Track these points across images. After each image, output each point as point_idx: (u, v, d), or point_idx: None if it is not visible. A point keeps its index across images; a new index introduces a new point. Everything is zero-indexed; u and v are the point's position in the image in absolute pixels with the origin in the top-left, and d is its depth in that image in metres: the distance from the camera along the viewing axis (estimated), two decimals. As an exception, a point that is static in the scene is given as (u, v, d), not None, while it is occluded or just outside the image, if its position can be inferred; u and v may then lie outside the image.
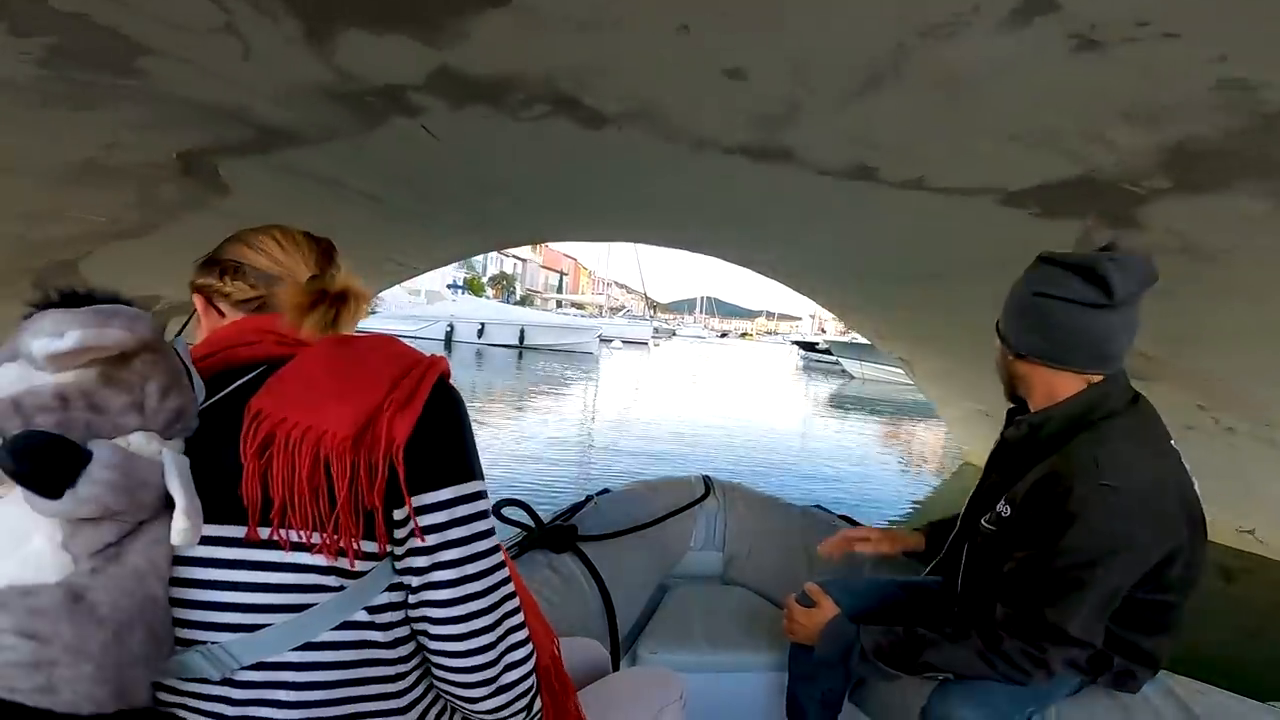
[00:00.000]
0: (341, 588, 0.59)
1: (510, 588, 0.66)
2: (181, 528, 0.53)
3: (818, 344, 32.13)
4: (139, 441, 0.54)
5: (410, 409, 0.60)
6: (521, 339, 21.68)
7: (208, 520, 0.55)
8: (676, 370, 21.16)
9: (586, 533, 1.71)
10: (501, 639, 0.64)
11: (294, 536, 0.57)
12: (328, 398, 0.59)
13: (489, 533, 0.65)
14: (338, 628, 0.59)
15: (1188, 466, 1.07)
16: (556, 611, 1.42)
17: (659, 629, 1.75)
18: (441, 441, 0.63)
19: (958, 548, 1.23)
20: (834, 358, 33.27)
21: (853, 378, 21.44)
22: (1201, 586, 1.09)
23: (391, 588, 0.62)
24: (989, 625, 1.05)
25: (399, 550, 0.61)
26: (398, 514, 0.60)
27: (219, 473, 0.58)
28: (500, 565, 0.65)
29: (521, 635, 0.67)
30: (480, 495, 0.65)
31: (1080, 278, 1.05)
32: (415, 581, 0.61)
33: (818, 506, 2.07)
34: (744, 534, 2.04)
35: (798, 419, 11.90)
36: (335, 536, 0.57)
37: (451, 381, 0.67)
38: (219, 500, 0.57)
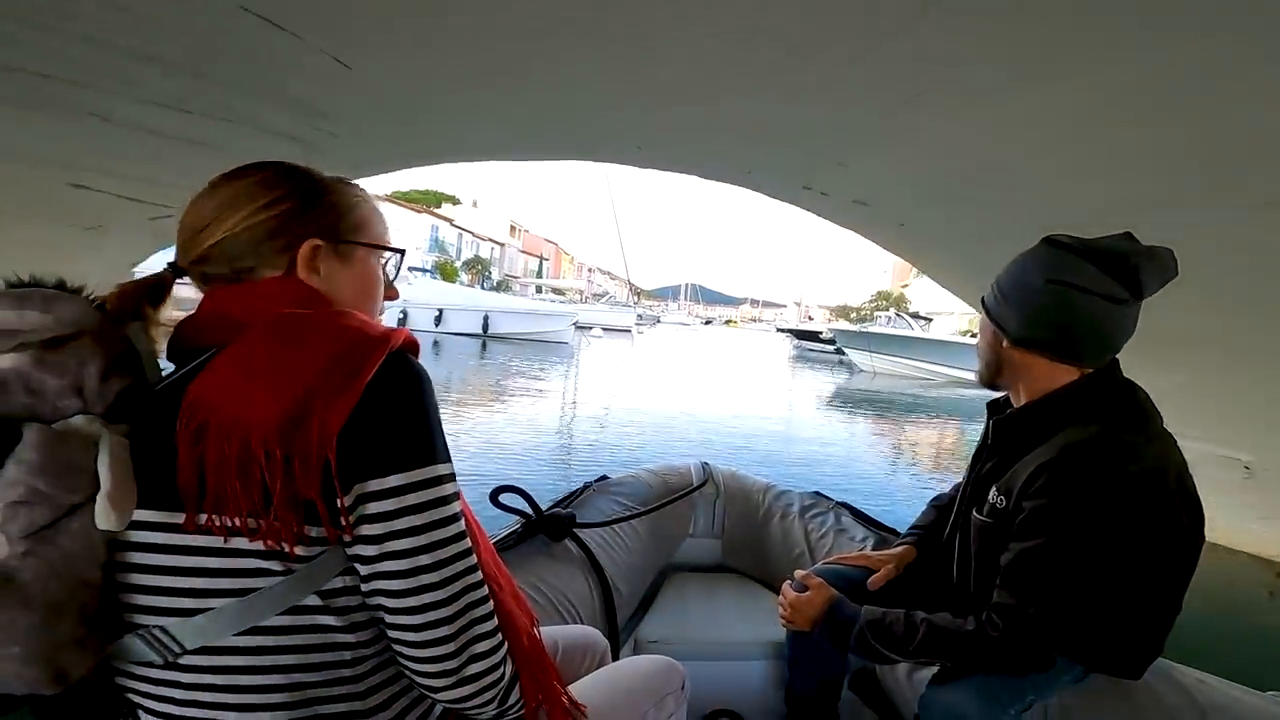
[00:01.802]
0: (288, 572, 0.57)
1: (475, 576, 0.63)
2: (102, 510, 0.54)
3: (820, 333, 30.10)
4: (79, 424, 0.55)
5: (348, 393, 0.57)
6: (486, 327, 19.16)
7: (150, 505, 0.56)
8: (663, 364, 18.76)
9: (585, 520, 1.70)
10: (464, 630, 0.62)
11: (231, 523, 0.55)
12: (259, 383, 0.57)
13: (450, 519, 0.61)
14: (286, 612, 0.58)
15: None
16: (555, 599, 1.44)
17: (658, 616, 1.76)
18: (389, 424, 0.58)
19: (950, 541, 1.21)
20: (835, 348, 31.36)
21: (858, 370, 19.34)
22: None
23: (347, 571, 0.60)
24: (987, 614, 1.01)
25: (347, 537, 0.58)
26: (342, 502, 0.57)
27: (164, 457, 0.57)
28: (464, 554, 0.62)
29: (488, 626, 0.64)
30: (439, 480, 0.60)
31: (1100, 268, 1.00)
32: (364, 570, 0.59)
33: (816, 493, 2.04)
34: (742, 521, 2.03)
35: (809, 426, 9.63)
36: (275, 523, 0.55)
37: (414, 358, 0.63)
38: (161, 485, 0.57)
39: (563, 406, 9.37)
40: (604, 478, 1.98)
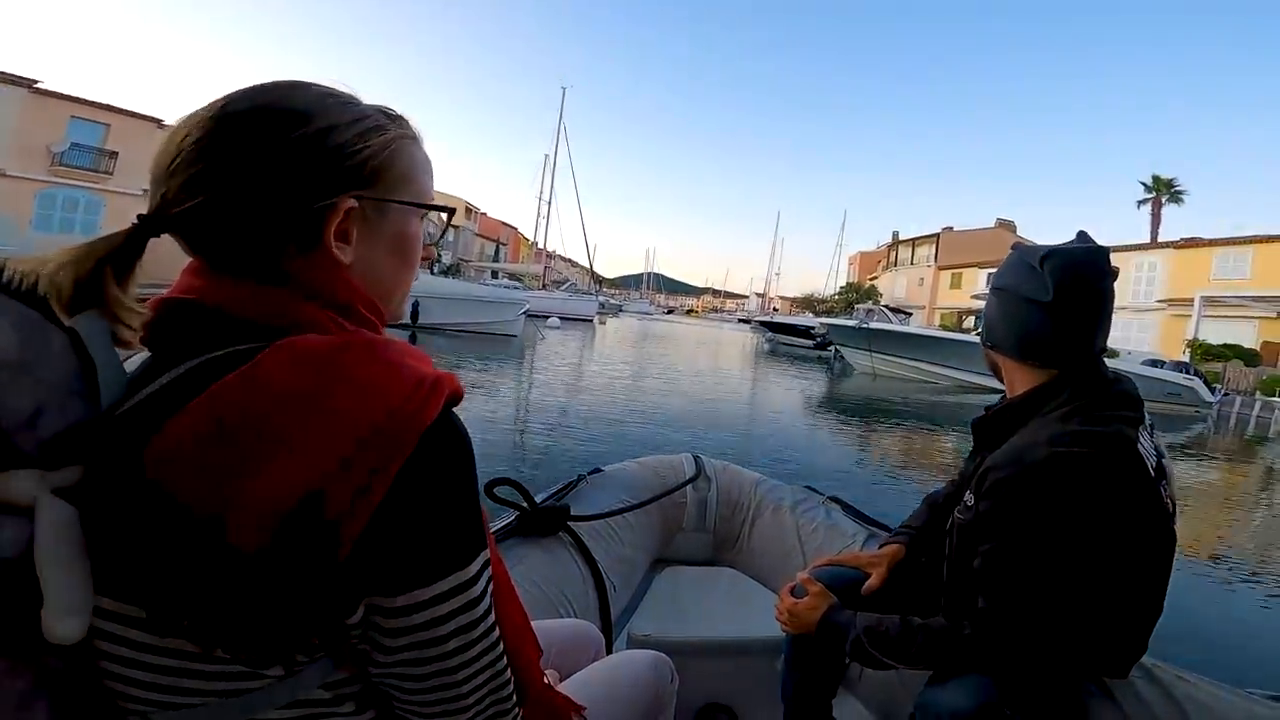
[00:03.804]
0: (288, 674, 0.47)
1: (499, 663, 0.54)
2: (50, 627, 0.41)
3: (799, 326, 27.80)
4: (12, 486, 0.41)
5: (371, 493, 0.43)
6: (415, 316, 15.96)
7: (112, 592, 0.44)
8: (628, 359, 16.03)
9: (579, 513, 1.68)
10: (481, 714, 0.54)
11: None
12: (252, 467, 0.41)
13: (480, 620, 0.51)
14: (287, 706, 0.48)
15: (1154, 445, 1.03)
16: (550, 593, 1.43)
17: (651, 610, 1.77)
18: (416, 526, 0.46)
19: (941, 539, 1.19)
20: (815, 343, 28.98)
21: (853, 371, 17.04)
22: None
23: (357, 661, 0.51)
24: (972, 619, 1.01)
25: (356, 636, 0.48)
26: (348, 618, 0.47)
27: (129, 528, 0.42)
28: (489, 648, 0.52)
29: (505, 693, 0.55)
30: (473, 581, 0.49)
31: (1027, 272, 1.06)
32: (375, 670, 0.50)
33: (807, 487, 2.03)
34: (734, 515, 2.01)
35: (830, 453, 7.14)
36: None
37: (457, 419, 0.50)
38: (122, 562, 0.43)
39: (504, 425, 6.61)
40: (597, 469, 1.94)
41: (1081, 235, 1.09)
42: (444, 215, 0.69)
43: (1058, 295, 1.02)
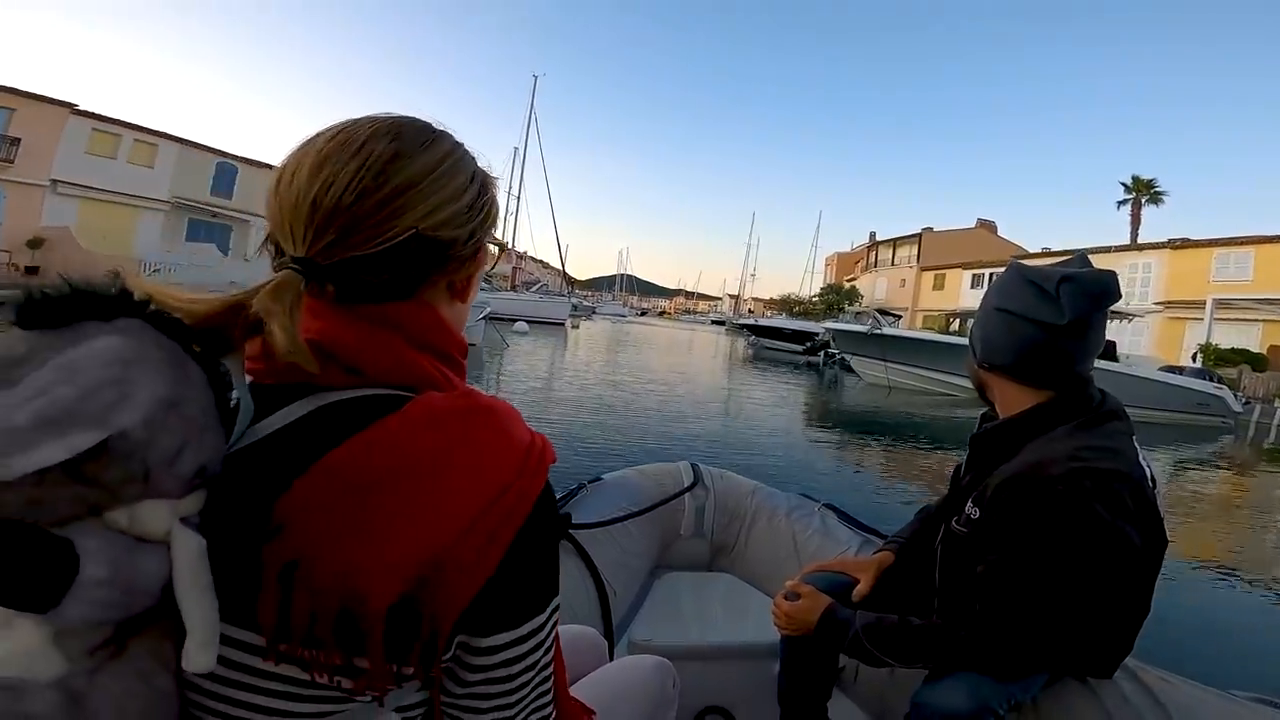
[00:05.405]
0: (374, 700, 0.49)
1: (550, 678, 0.56)
2: (194, 656, 0.43)
3: (800, 331, 25.83)
4: (147, 516, 0.43)
5: (487, 561, 0.47)
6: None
7: (228, 618, 0.45)
8: (606, 371, 14.07)
9: (580, 520, 1.69)
10: None
11: (317, 665, 0.46)
12: (378, 535, 0.44)
13: (546, 663, 0.55)
14: None
15: (1147, 464, 1.07)
16: None
17: (650, 616, 1.81)
18: (512, 582, 0.50)
19: (934, 550, 1.24)
20: (804, 348, 27.31)
21: (859, 381, 15.33)
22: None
23: (426, 686, 0.54)
24: (969, 623, 1.05)
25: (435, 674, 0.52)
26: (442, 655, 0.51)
27: (243, 561, 0.45)
28: (549, 675, 0.56)
29: (547, 710, 0.57)
30: (545, 625, 0.53)
31: (1036, 295, 1.07)
32: (446, 698, 0.53)
33: (803, 495, 2.05)
34: (732, 521, 2.02)
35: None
36: (373, 679, 0.47)
37: (549, 483, 0.52)
38: (240, 595, 0.45)
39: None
40: (597, 478, 1.96)
41: (1082, 258, 1.13)
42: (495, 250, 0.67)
43: (1074, 320, 1.03)
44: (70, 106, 21.80)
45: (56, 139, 21.35)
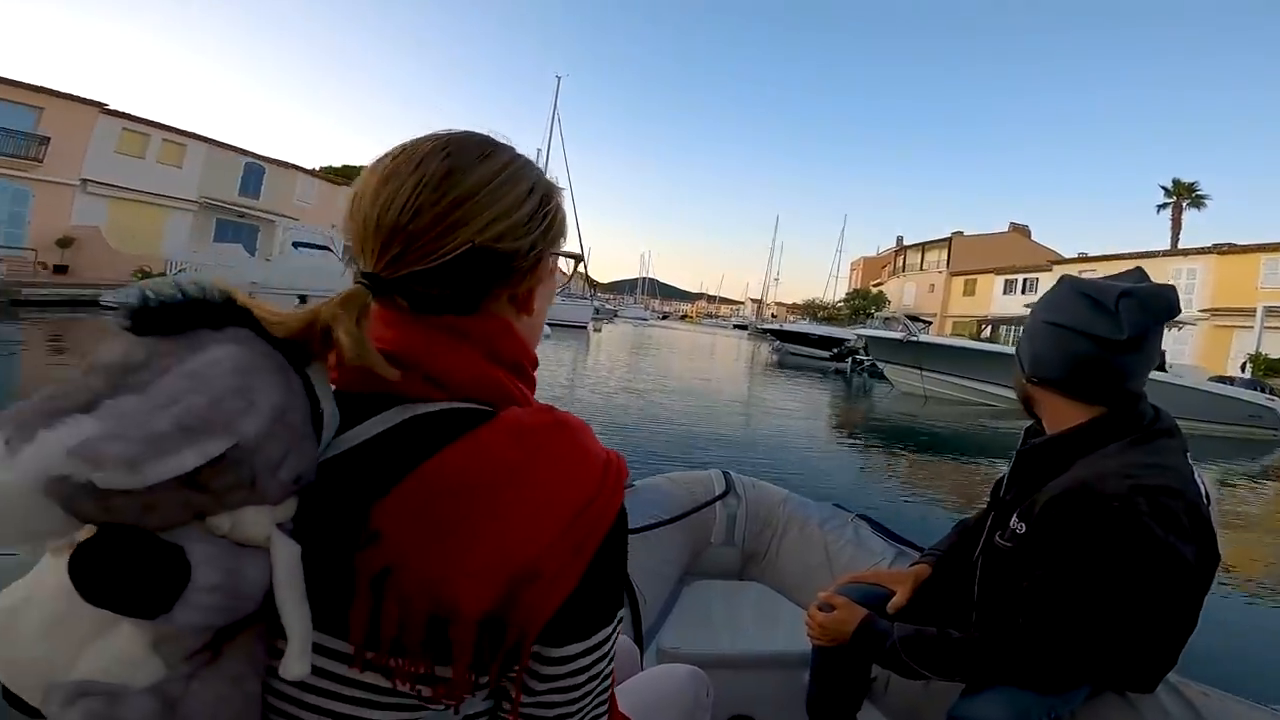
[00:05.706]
0: (449, 708, 0.50)
1: (609, 686, 0.56)
2: (292, 664, 0.43)
3: (845, 339, 24.93)
4: (248, 522, 0.43)
5: (571, 574, 0.48)
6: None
7: (318, 625, 0.46)
8: (634, 380, 13.75)
9: None
10: None
11: (402, 672, 0.48)
12: (470, 545, 0.45)
13: (607, 665, 0.55)
14: None
15: (1202, 481, 1.05)
16: None
17: (680, 623, 1.79)
18: (586, 595, 0.50)
19: (975, 563, 1.21)
20: (832, 354, 26.68)
21: (893, 389, 14.74)
22: None
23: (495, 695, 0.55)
24: (1013, 636, 1.03)
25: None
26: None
27: (332, 568, 0.46)
28: (609, 684, 0.56)
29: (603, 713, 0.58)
30: (611, 636, 0.54)
31: (1091, 309, 1.05)
32: (508, 705, 0.53)
33: (836, 505, 2.02)
34: (763, 530, 2.00)
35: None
36: (454, 689, 0.48)
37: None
38: (329, 603, 0.46)
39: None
40: (630, 484, 1.71)
41: (1139, 272, 1.12)
42: (572, 263, 0.66)
43: (1133, 336, 1.02)
44: (100, 106, 22.06)
45: (87, 138, 21.58)
